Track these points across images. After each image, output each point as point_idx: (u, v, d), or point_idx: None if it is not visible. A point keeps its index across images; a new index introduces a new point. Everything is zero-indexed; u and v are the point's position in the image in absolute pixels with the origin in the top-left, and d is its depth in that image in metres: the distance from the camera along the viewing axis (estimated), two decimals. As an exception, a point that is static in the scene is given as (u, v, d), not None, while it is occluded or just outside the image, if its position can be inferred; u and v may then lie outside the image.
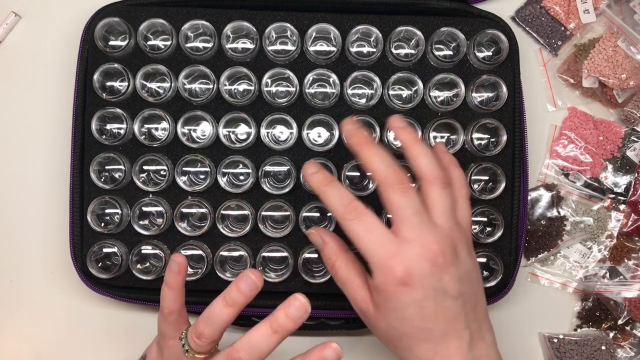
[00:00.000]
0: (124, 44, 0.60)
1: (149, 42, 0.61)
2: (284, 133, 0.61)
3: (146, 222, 0.60)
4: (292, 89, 0.59)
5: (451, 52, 0.61)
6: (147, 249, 0.60)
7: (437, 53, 0.60)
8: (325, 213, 0.60)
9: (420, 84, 0.59)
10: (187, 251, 0.59)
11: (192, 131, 0.60)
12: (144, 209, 0.60)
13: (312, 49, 0.60)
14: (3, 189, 0.66)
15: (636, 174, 0.66)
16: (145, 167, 0.60)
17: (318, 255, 0.59)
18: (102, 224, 0.60)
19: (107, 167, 0.60)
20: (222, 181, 0.59)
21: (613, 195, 0.66)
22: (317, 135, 0.60)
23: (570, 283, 0.66)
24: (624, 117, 0.67)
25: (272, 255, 0.60)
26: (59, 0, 0.67)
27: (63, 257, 0.63)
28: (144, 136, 0.60)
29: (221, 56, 0.60)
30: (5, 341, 0.65)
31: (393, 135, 0.60)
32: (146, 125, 0.60)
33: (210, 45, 0.60)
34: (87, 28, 0.61)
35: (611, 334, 0.65)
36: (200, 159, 0.59)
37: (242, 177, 0.60)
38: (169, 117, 0.59)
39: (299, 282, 0.60)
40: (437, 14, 0.61)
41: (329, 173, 0.51)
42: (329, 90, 0.61)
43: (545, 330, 0.65)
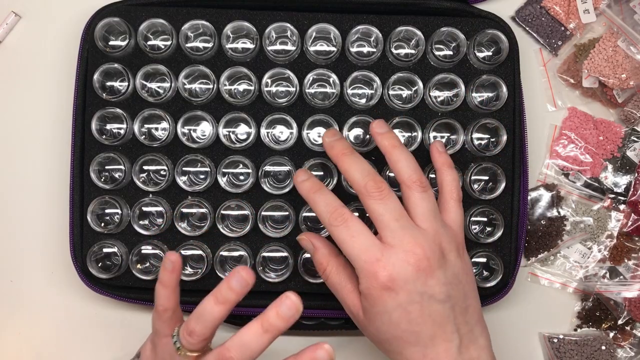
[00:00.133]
0: (124, 44, 0.60)
1: (149, 42, 0.61)
2: (284, 133, 0.61)
3: (146, 222, 0.60)
4: (292, 89, 0.59)
5: (451, 52, 0.61)
6: (147, 249, 0.60)
7: (437, 53, 0.60)
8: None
9: (420, 84, 0.59)
10: (187, 251, 0.59)
11: (192, 131, 0.60)
12: (144, 209, 0.60)
13: (312, 49, 0.60)
14: (3, 189, 0.66)
15: (636, 174, 0.66)
16: (145, 167, 0.60)
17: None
18: (102, 224, 0.60)
19: (107, 167, 0.60)
20: (222, 181, 0.59)
21: (613, 195, 0.66)
22: (317, 135, 0.60)
23: (570, 283, 0.66)
24: (624, 117, 0.67)
25: (272, 255, 0.60)
26: (59, 0, 0.67)
27: (63, 257, 0.63)
28: (144, 136, 0.60)
29: (221, 56, 0.60)
30: (5, 341, 0.65)
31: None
32: (146, 125, 0.60)
33: (210, 45, 0.60)
34: (87, 28, 0.61)
35: (611, 334, 0.65)
36: (200, 159, 0.59)
37: (242, 177, 0.60)
38: (169, 117, 0.59)
39: (299, 282, 0.60)
40: (437, 14, 0.61)
41: (318, 180, 0.52)
42: (329, 90, 0.61)
43: (545, 330, 0.65)
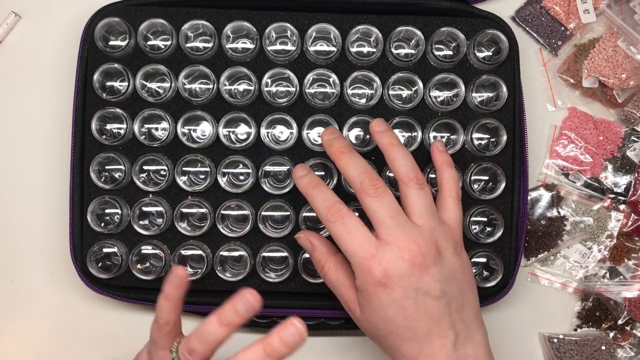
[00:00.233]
0: (124, 44, 0.60)
1: (149, 42, 0.61)
2: (284, 133, 0.61)
3: (146, 222, 0.60)
4: (292, 89, 0.59)
5: (451, 52, 0.61)
6: (147, 249, 0.60)
7: (437, 53, 0.60)
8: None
9: (420, 84, 0.59)
10: (187, 251, 0.59)
11: (192, 131, 0.60)
12: (144, 209, 0.60)
13: (312, 49, 0.60)
14: (3, 189, 0.66)
15: (636, 174, 0.66)
16: (145, 167, 0.60)
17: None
18: (102, 224, 0.60)
19: (107, 167, 0.60)
20: (222, 181, 0.59)
21: (613, 195, 0.66)
22: (317, 135, 0.60)
23: (570, 283, 0.66)
24: (624, 117, 0.67)
25: (272, 255, 0.60)
26: (59, 0, 0.67)
27: (63, 257, 0.63)
28: (144, 136, 0.60)
29: (221, 56, 0.60)
30: (5, 341, 0.65)
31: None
32: (146, 125, 0.60)
33: (210, 45, 0.60)
34: (87, 28, 0.61)
35: (611, 334, 0.65)
36: (200, 159, 0.59)
37: (242, 177, 0.60)
38: (169, 117, 0.59)
39: (299, 282, 0.60)
40: (437, 14, 0.61)
41: (316, 176, 0.52)
42: (329, 90, 0.61)
43: (545, 330, 0.65)
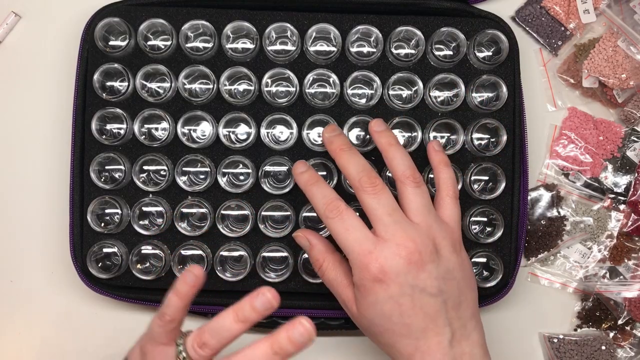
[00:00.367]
0: (124, 44, 0.60)
1: (149, 42, 0.61)
2: (284, 133, 0.61)
3: (146, 222, 0.60)
4: (292, 89, 0.59)
5: (451, 52, 0.61)
6: (147, 249, 0.60)
7: (437, 53, 0.60)
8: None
9: (420, 84, 0.59)
10: (187, 251, 0.59)
11: (192, 131, 0.60)
12: (144, 209, 0.60)
13: (312, 49, 0.60)
14: (3, 189, 0.66)
15: (636, 174, 0.66)
16: (145, 167, 0.60)
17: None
18: (102, 224, 0.60)
19: (107, 167, 0.60)
20: (222, 181, 0.59)
21: (613, 195, 0.66)
22: (317, 135, 0.60)
23: (570, 283, 0.66)
24: (624, 117, 0.67)
25: (272, 255, 0.60)
26: (59, 0, 0.67)
27: (63, 257, 0.63)
28: (144, 136, 0.60)
29: (221, 56, 0.60)
30: (5, 341, 0.65)
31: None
32: (146, 125, 0.60)
33: (210, 45, 0.60)
34: (87, 28, 0.61)
35: (611, 334, 0.65)
36: (200, 159, 0.59)
37: (242, 177, 0.60)
38: (169, 117, 0.59)
39: (299, 282, 0.60)
40: (437, 14, 0.61)
41: (316, 172, 0.53)
42: (329, 90, 0.61)
43: (545, 330, 0.65)
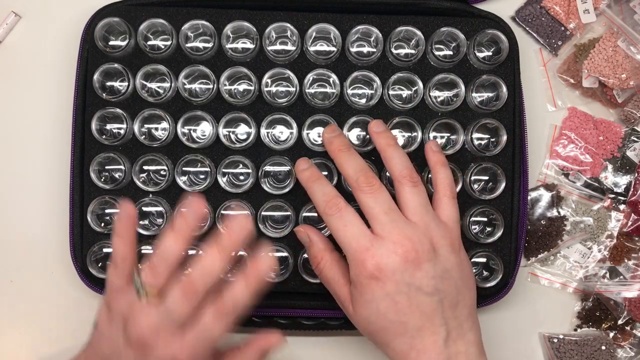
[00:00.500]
0: (124, 44, 0.60)
1: (149, 42, 0.61)
2: (284, 133, 0.61)
3: (146, 222, 0.60)
4: (292, 89, 0.59)
5: (451, 52, 0.61)
6: (147, 249, 0.60)
7: (437, 53, 0.60)
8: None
9: (420, 84, 0.59)
10: (187, 251, 0.59)
11: (192, 131, 0.60)
12: (144, 209, 0.60)
13: (312, 49, 0.60)
14: (3, 189, 0.66)
15: (636, 174, 0.66)
16: (145, 167, 0.60)
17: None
18: (102, 224, 0.60)
19: (107, 167, 0.60)
20: (222, 181, 0.59)
21: (613, 195, 0.66)
22: (317, 135, 0.60)
23: (570, 283, 0.66)
24: (624, 117, 0.67)
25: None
26: (59, 0, 0.67)
27: (63, 257, 0.63)
28: (144, 136, 0.60)
29: (221, 56, 0.60)
30: (5, 341, 0.65)
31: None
32: (146, 125, 0.60)
33: (210, 45, 0.60)
34: (87, 28, 0.61)
35: (611, 334, 0.65)
36: (200, 159, 0.59)
37: (242, 177, 0.60)
38: (169, 117, 0.59)
39: (298, 282, 0.60)
40: (437, 14, 0.61)
41: (317, 170, 0.54)
42: (329, 90, 0.61)
43: (545, 330, 0.65)
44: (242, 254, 0.59)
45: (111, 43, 0.61)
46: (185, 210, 0.48)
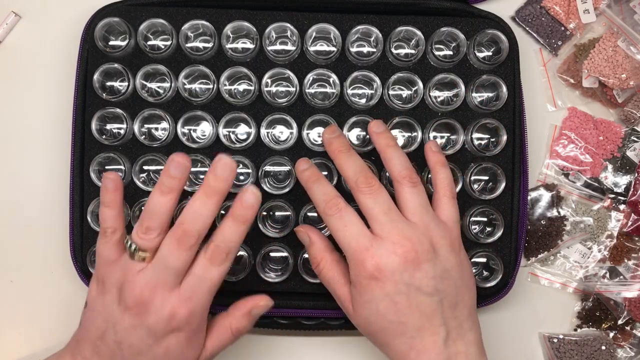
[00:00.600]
0: (124, 44, 0.60)
1: (149, 42, 0.61)
2: (284, 133, 0.61)
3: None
4: (292, 89, 0.59)
5: (451, 52, 0.61)
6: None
7: (437, 53, 0.60)
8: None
9: (420, 84, 0.59)
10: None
11: (192, 131, 0.60)
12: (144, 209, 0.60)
13: (312, 49, 0.60)
14: (3, 189, 0.66)
15: (636, 174, 0.66)
16: (145, 167, 0.60)
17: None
18: (102, 224, 0.60)
19: (107, 167, 0.60)
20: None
21: (613, 195, 0.66)
22: (317, 135, 0.60)
23: (570, 283, 0.66)
24: (624, 117, 0.67)
25: (272, 255, 0.60)
26: (59, 0, 0.67)
27: (63, 257, 0.63)
28: (144, 136, 0.60)
29: (221, 56, 0.60)
30: (5, 341, 0.65)
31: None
32: (146, 125, 0.60)
33: (210, 45, 0.60)
34: (87, 28, 0.61)
35: (611, 334, 0.65)
36: (200, 159, 0.59)
37: (242, 177, 0.60)
38: (169, 117, 0.59)
39: (298, 282, 0.60)
40: (437, 14, 0.61)
41: (318, 170, 0.54)
42: (329, 90, 0.61)
43: (545, 330, 0.65)
44: (242, 253, 0.59)
45: (111, 43, 0.61)
46: (170, 165, 0.47)
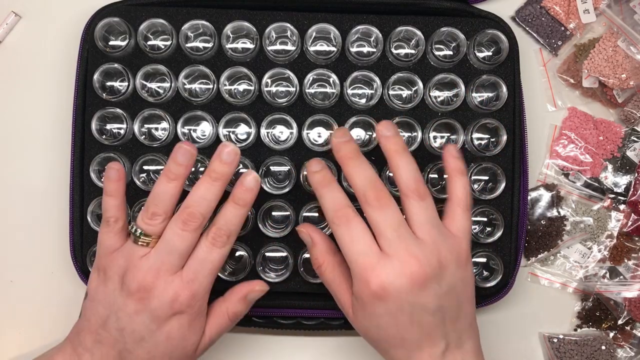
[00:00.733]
0: (124, 44, 0.60)
1: (149, 42, 0.61)
2: (284, 133, 0.61)
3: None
4: (292, 89, 0.59)
5: (451, 52, 0.61)
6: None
7: (437, 53, 0.60)
8: (325, 213, 0.60)
9: (420, 84, 0.59)
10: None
11: (192, 131, 0.60)
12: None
13: (312, 49, 0.60)
14: (3, 189, 0.66)
15: (636, 174, 0.66)
16: (145, 167, 0.60)
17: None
18: (102, 224, 0.60)
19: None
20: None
21: (613, 195, 0.66)
22: (317, 135, 0.60)
23: (570, 283, 0.66)
24: (624, 117, 0.67)
25: (272, 255, 0.60)
26: (59, 0, 0.67)
27: (63, 257, 0.63)
28: (144, 136, 0.60)
29: (221, 56, 0.60)
30: (5, 341, 0.65)
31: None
32: (146, 125, 0.60)
33: (210, 45, 0.60)
34: (87, 28, 0.61)
35: (611, 334, 0.65)
36: (200, 159, 0.59)
37: (242, 177, 0.60)
38: (169, 117, 0.59)
39: (298, 282, 0.60)
40: (437, 14, 0.61)
41: (330, 174, 0.51)
42: (329, 90, 0.61)
43: (545, 330, 0.65)
44: (242, 253, 0.59)
45: (111, 43, 0.61)
46: (177, 152, 0.49)
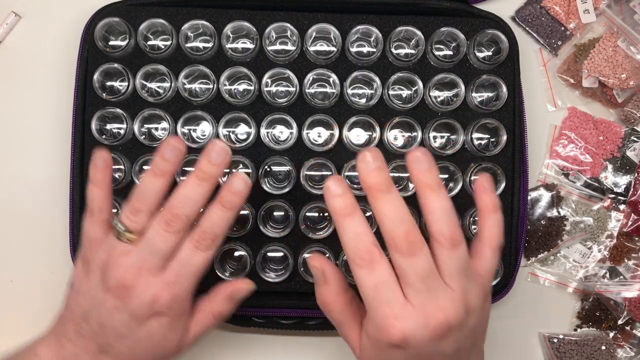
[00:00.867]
0: (124, 44, 0.60)
1: (149, 42, 0.61)
2: (284, 133, 0.61)
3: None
4: (292, 89, 0.59)
5: (451, 52, 0.61)
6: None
7: (437, 53, 0.60)
8: (325, 213, 0.60)
9: (420, 84, 0.59)
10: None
11: (192, 131, 0.60)
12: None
13: (312, 49, 0.60)
14: (3, 189, 0.66)
15: (636, 174, 0.66)
16: (145, 167, 0.60)
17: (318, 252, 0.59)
18: (102, 224, 0.60)
19: (107, 167, 0.60)
20: (222, 181, 0.59)
21: (613, 195, 0.66)
22: (317, 135, 0.60)
23: (570, 283, 0.66)
24: (624, 117, 0.67)
25: (272, 255, 0.60)
26: (59, 0, 0.67)
27: (63, 257, 0.63)
28: (144, 136, 0.60)
29: (221, 56, 0.60)
30: (5, 341, 0.65)
31: (393, 135, 0.60)
32: (146, 125, 0.60)
33: (210, 45, 0.60)
34: (87, 28, 0.61)
35: (611, 334, 0.65)
36: (197, 158, 0.59)
37: (242, 177, 0.60)
38: (169, 117, 0.59)
39: (298, 282, 0.60)
40: (437, 14, 0.61)
41: (353, 199, 0.44)
42: (329, 90, 0.61)
43: (545, 330, 0.65)
44: (242, 253, 0.59)
45: (111, 43, 0.61)
46: (165, 148, 0.47)
